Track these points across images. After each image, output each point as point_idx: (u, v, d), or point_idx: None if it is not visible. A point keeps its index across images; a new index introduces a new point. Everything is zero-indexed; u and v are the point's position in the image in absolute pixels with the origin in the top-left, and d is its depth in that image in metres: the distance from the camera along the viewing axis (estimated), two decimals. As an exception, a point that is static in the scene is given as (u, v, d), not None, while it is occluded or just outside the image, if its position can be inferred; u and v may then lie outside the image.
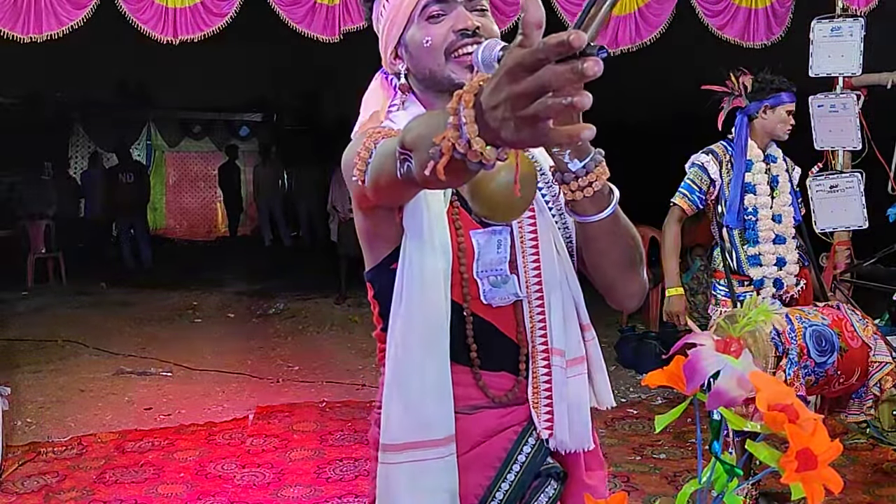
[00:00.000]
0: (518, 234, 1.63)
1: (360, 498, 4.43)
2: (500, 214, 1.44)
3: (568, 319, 1.66)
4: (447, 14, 1.59)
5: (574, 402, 1.65)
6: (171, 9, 5.55)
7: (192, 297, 10.44)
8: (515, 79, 0.92)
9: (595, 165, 1.42)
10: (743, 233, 4.20)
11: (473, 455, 1.62)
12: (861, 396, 3.97)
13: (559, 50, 0.88)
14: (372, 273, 1.73)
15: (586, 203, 1.46)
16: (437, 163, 1.07)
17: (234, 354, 7.71)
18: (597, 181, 1.42)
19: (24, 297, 10.58)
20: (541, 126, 0.93)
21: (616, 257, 1.59)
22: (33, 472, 4.89)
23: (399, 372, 1.61)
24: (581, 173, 1.41)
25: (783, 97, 4.16)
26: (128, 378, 6.97)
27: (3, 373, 4.95)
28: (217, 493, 4.55)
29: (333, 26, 5.74)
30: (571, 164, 1.40)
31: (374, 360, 6.45)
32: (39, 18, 5.41)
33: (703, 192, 4.22)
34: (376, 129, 1.52)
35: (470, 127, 0.99)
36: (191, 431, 5.60)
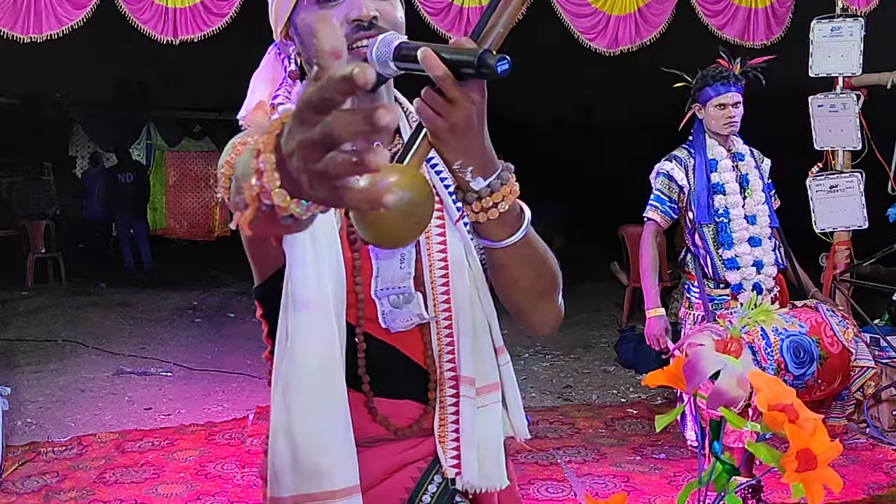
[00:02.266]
0: (425, 247, 1.45)
1: (359, 498, 4.43)
2: (388, 241, 1.23)
3: (480, 343, 1.51)
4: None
5: (485, 436, 1.51)
6: (171, 9, 5.55)
7: (192, 297, 10.45)
8: (304, 122, 0.75)
9: (501, 184, 1.23)
10: (716, 236, 4.04)
11: (372, 496, 1.42)
12: (843, 400, 3.90)
13: (344, 88, 0.71)
14: (259, 291, 1.58)
15: (492, 226, 1.27)
16: (243, 215, 0.91)
17: (234, 354, 7.71)
18: (503, 202, 1.24)
19: (24, 297, 10.59)
20: (335, 185, 0.76)
21: (527, 285, 1.42)
22: (33, 472, 4.89)
23: (286, 413, 1.39)
24: (485, 193, 1.23)
25: (709, 91, 3.96)
26: (128, 378, 6.97)
27: (3, 373, 4.96)
28: (217, 493, 4.55)
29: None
30: (474, 182, 1.22)
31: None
32: (39, 18, 5.41)
33: (674, 200, 4.06)
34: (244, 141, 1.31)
35: (269, 176, 0.82)
36: (191, 431, 5.60)
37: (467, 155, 1.19)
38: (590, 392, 6.48)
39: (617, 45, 6.08)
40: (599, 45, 6.09)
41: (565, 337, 8.18)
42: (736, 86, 3.98)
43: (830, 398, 3.91)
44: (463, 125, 1.15)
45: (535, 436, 5.34)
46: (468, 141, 1.17)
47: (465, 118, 1.14)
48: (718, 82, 3.96)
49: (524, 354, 7.54)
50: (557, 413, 5.87)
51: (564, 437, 5.34)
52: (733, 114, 3.97)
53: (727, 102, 3.96)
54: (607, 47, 6.08)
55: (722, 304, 3.99)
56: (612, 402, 6.22)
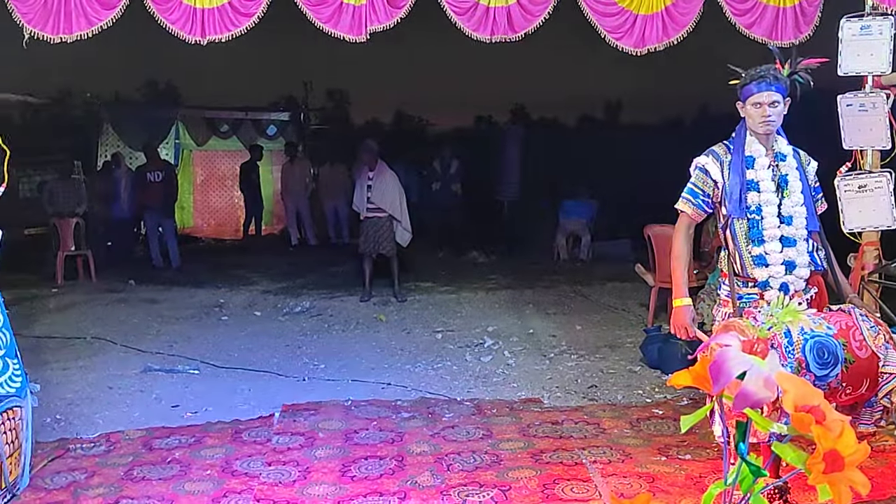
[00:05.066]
0: None
1: (384, 497, 4.45)
2: None
3: None
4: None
5: None
6: (199, 9, 5.58)
7: (218, 295, 10.51)
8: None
9: None
10: (748, 232, 4.04)
11: None
12: (872, 406, 3.88)
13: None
14: None
15: None
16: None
17: (260, 352, 7.76)
18: None
19: (54, 294, 10.69)
20: None
21: None
22: (62, 469, 4.94)
23: None
24: None
25: (751, 88, 3.98)
26: (155, 375, 7.02)
27: (33, 370, 5.01)
28: (243, 490, 4.58)
29: (360, 26, 5.75)
30: None
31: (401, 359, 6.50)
32: (69, 19, 5.46)
33: (708, 195, 4.09)
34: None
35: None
36: (217, 429, 5.64)
37: None
38: (615, 392, 6.45)
39: (644, 45, 6.05)
40: (626, 45, 6.06)
41: (591, 337, 8.16)
42: (776, 85, 3.98)
43: (861, 404, 3.87)
44: None
45: (560, 435, 5.33)
46: None
47: None
48: (756, 81, 3.98)
49: (550, 354, 7.53)
50: (583, 413, 5.86)
51: (590, 437, 5.32)
52: (769, 113, 3.98)
53: (763, 101, 3.98)
54: (634, 46, 6.05)
55: (750, 303, 3.98)
56: (637, 402, 6.19)
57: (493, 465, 4.86)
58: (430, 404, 6.14)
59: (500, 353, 7.63)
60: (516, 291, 10.61)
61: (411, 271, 11.00)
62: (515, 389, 6.56)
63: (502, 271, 12.12)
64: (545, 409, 5.99)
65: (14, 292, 5.54)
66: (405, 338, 8.31)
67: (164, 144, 16.70)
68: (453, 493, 4.46)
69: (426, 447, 5.20)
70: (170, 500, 4.45)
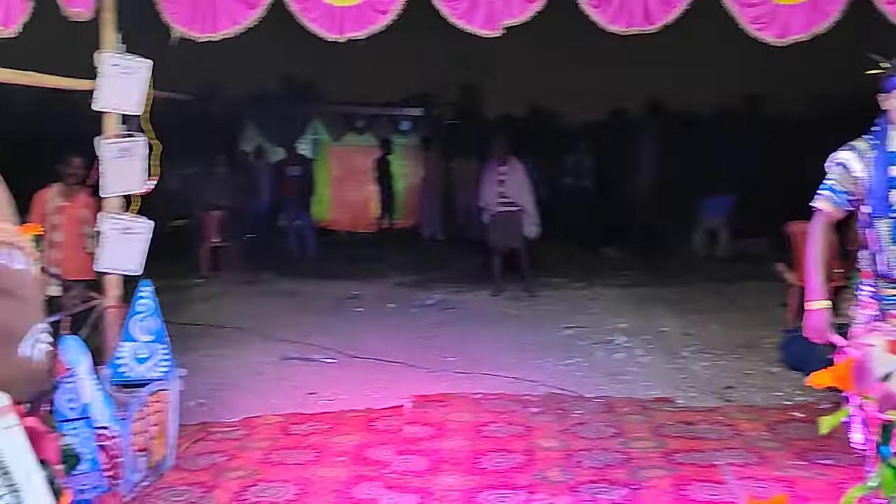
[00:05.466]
0: None
1: (513, 490, 4.46)
2: None
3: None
4: None
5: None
6: (338, 7, 5.70)
7: (353, 287, 10.72)
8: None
9: None
10: (891, 231, 3.78)
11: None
12: None
13: None
14: None
15: None
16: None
17: (392, 343, 7.88)
18: None
19: (198, 285, 11.15)
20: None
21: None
22: (204, 451, 5.15)
23: None
24: None
25: (894, 81, 3.72)
26: (293, 363, 7.24)
27: (179, 355, 5.24)
28: (375, 477, 4.67)
29: (494, 21, 5.75)
30: None
31: (530, 354, 6.48)
32: (215, 18, 5.66)
33: (849, 192, 3.82)
34: None
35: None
36: (351, 417, 5.77)
37: None
38: (752, 393, 6.27)
39: (786, 36, 5.82)
40: (767, 36, 5.84)
41: (727, 336, 7.95)
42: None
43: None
44: None
45: (694, 436, 5.22)
46: None
47: None
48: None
49: (683, 353, 7.37)
50: (718, 414, 5.72)
51: (724, 439, 5.19)
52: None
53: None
54: (776, 38, 5.83)
55: (894, 304, 3.78)
56: (775, 404, 6.00)
57: (624, 463, 4.80)
58: (560, 400, 6.11)
59: (632, 350, 7.52)
60: (650, 288, 10.43)
61: (542, 266, 10.95)
62: (647, 388, 6.46)
63: (636, 267, 11.94)
64: (678, 409, 5.88)
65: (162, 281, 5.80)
66: (535, 333, 8.29)
67: (302, 140, 17.14)
68: (583, 489, 4.43)
69: (555, 443, 5.18)
70: (304, 485, 4.58)
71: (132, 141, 5.29)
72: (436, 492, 4.48)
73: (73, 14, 5.04)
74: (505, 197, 9.90)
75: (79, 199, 6.55)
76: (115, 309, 5.33)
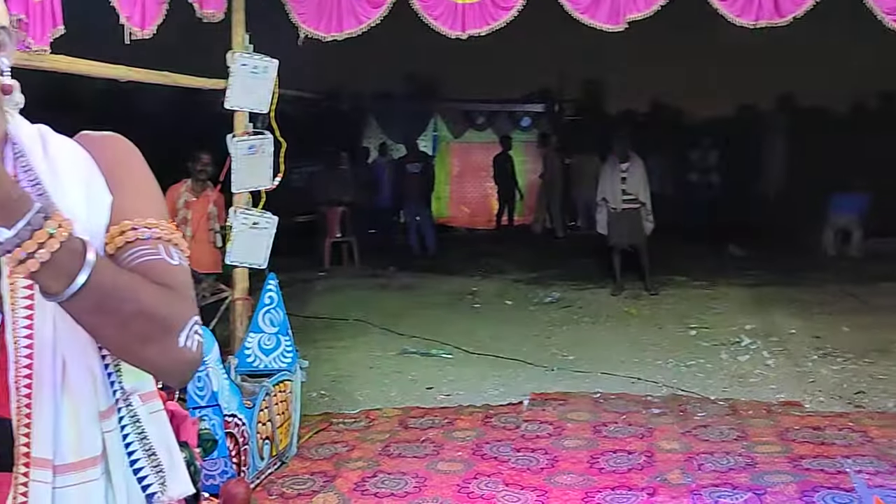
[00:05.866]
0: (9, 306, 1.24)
1: (632, 491, 4.40)
2: None
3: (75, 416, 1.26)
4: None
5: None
6: (460, 4, 5.73)
7: (471, 283, 10.76)
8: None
9: (33, 230, 1.07)
10: None
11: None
12: None
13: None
14: None
15: (40, 277, 1.09)
16: None
17: (510, 340, 7.88)
18: (42, 250, 1.06)
19: (321, 278, 11.39)
20: None
21: (112, 333, 1.20)
22: (326, 441, 5.27)
23: None
24: (11, 244, 1.06)
25: None
26: (411, 357, 7.33)
27: (302, 347, 5.39)
28: (492, 473, 4.68)
29: (618, 15, 5.68)
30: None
31: (652, 354, 6.37)
32: (341, 18, 5.77)
33: None
34: None
35: None
36: (469, 412, 5.80)
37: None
38: (885, 399, 6.01)
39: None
40: (906, 25, 5.57)
41: (859, 339, 7.63)
42: None
43: None
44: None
45: (822, 442, 5.05)
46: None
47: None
48: None
49: (812, 356, 7.12)
50: (848, 419, 5.50)
51: (854, 446, 4.99)
52: None
53: None
54: None
55: None
56: (910, 411, 5.74)
57: (748, 467, 4.67)
58: (682, 402, 6.00)
59: (758, 352, 7.31)
60: (777, 288, 10.11)
61: (663, 264, 10.75)
62: (774, 391, 6.27)
63: (762, 267, 11.57)
64: (806, 414, 5.69)
65: (286, 275, 5.99)
66: (657, 333, 8.15)
67: (423, 137, 17.31)
68: (704, 492, 4.34)
69: (677, 445, 5.09)
70: (423, 478, 4.63)
71: (260, 139, 5.44)
72: (553, 490, 4.46)
73: (206, 15, 5.21)
74: (628, 194, 9.76)
75: (207, 195, 6.79)
76: (242, 301, 5.50)
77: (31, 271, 1.07)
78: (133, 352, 1.23)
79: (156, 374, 1.33)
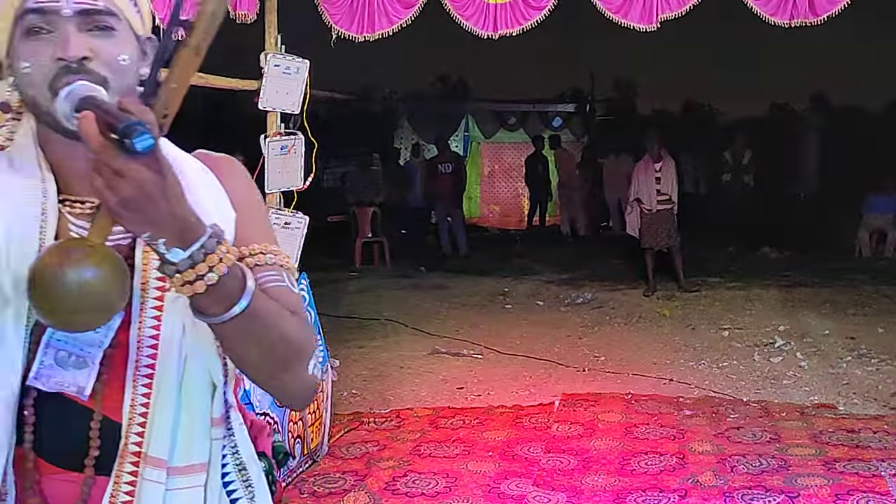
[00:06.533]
0: (137, 319, 1.24)
1: (664, 493, 4.37)
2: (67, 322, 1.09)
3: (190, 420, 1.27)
4: (53, 31, 1.18)
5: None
6: (492, 4, 5.73)
7: (503, 284, 10.74)
8: None
9: (206, 254, 1.08)
10: None
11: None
12: None
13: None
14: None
15: (202, 300, 1.10)
16: None
17: (541, 341, 7.86)
18: (210, 273, 1.08)
19: (352, 278, 11.42)
20: None
21: (256, 360, 1.22)
22: (357, 440, 5.29)
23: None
24: (184, 265, 1.07)
25: None
26: (442, 358, 7.33)
27: (333, 346, 5.41)
28: (523, 474, 4.68)
29: (651, 14, 5.66)
30: (170, 253, 1.07)
31: (684, 355, 6.34)
32: (372, 19, 5.80)
33: None
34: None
35: None
36: (499, 413, 5.79)
37: (153, 226, 1.05)
38: (921, 402, 5.94)
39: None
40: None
41: (894, 341, 7.54)
42: None
43: None
44: (136, 198, 1.02)
45: (857, 444, 4.99)
46: (149, 212, 1.03)
47: (137, 191, 1.01)
48: None
49: (847, 357, 7.04)
50: (883, 422, 5.44)
51: (890, 449, 4.93)
52: None
53: None
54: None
55: None
56: (948, 415, 5.66)
57: (781, 470, 4.63)
58: (715, 403, 5.95)
59: (792, 354, 7.24)
60: (812, 290, 10.01)
61: (696, 265, 10.68)
62: (807, 393, 6.21)
63: (797, 268, 11.47)
64: (840, 416, 5.63)
65: (317, 275, 6.02)
66: (689, 334, 8.10)
67: (454, 137, 17.34)
68: (736, 495, 4.30)
69: (709, 447, 5.05)
70: (453, 478, 4.63)
71: (292, 139, 5.47)
72: (584, 491, 4.44)
73: (239, 16, 5.25)
74: (662, 194, 9.71)
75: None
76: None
77: (197, 293, 1.09)
78: (271, 376, 1.25)
79: (283, 397, 1.35)
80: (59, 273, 1.05)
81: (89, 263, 1.05)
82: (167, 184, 1.04)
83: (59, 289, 1.05)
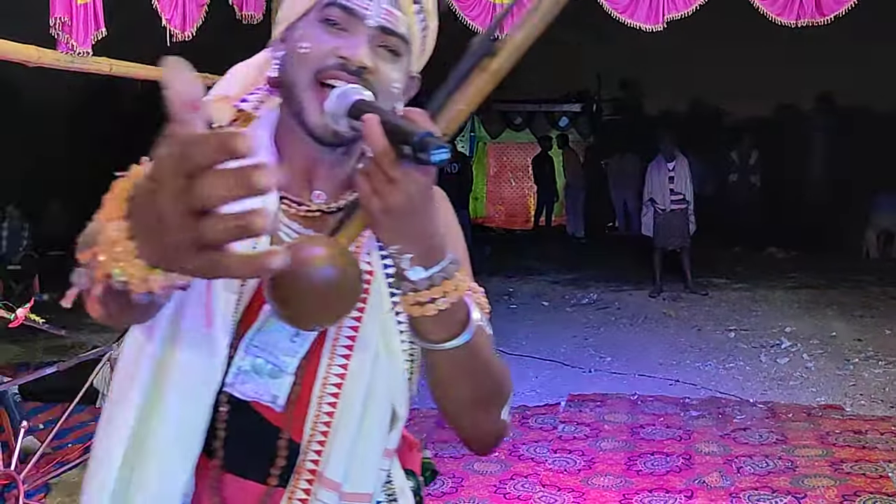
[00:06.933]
0: (333, 330, 1.22)
1: (670, 493, 4.37)
2: (299, 319, 1.07)
3: (366, 447, 1.23)
4: (347, 30, 1.18)
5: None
6: (497, 4, 5.73)
7: (508, 284, 10.76)
8: (166, 184, 0.69)
9: (444, 278, 1.06)
10: None
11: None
12: None
13: (217, 158, 0.67)
14: None
15: (428, 323, 1.08)
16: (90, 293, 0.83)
17: (547, 341, 7.86)
18: (443, 298, 1.06)
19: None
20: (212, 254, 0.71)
21: (461, 395, 1.19)
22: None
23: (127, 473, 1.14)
24: (422, 285, 1.05)
25: None
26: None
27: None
28: (529, 474, 4.68)
29: (657, 14, 5.66)
30: (411, 271, 1.05)
31: (690, 356, 6.31)
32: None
33: None
34: None
35: (122, 246, 0.75)
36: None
37: (406, 240, 1.04)
38: (929, 404, 5.93)
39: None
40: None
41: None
42: None
43: None
44: (402, 208, 1.01)
45: (864, 446, 4.98)
46: (408, 225, 1.03)
47: (405, 201, 1.00)
48: None
49: (853, 359, 7.03)
50: (890, 424, 5.43)
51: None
52: None
53: None
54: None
55: None
56: (955, 416, 5.65)
57: (787, 471, 4.63)
58: (721, 404, 5.95)
59: (799, 355, 7.23)
60: (818, 291, 9.99)
61: (703, 266, 10.66)
62: (814, 394, 6.20)
63: (803, 269, 11.46)
64: (847, 417, 5.62)
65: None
66: (695, 335, 8.09)
67: (460, 137, 17.33)
68: (743, 496, 4.30)
69: (715, 447, 5.05)
70: (459, 479, 4.64)
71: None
72: (590, 492, 4.44)
73: (245, 17, 5.27)
74: (676, 193, 9.69)
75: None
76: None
77: (426, 315, 1.06)
78: (468, 413, 1.22)
79: (471, 437, 1.27)
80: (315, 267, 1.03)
81: (341, 262, 1.04)
82: (431, 200, 1.04)
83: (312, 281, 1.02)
